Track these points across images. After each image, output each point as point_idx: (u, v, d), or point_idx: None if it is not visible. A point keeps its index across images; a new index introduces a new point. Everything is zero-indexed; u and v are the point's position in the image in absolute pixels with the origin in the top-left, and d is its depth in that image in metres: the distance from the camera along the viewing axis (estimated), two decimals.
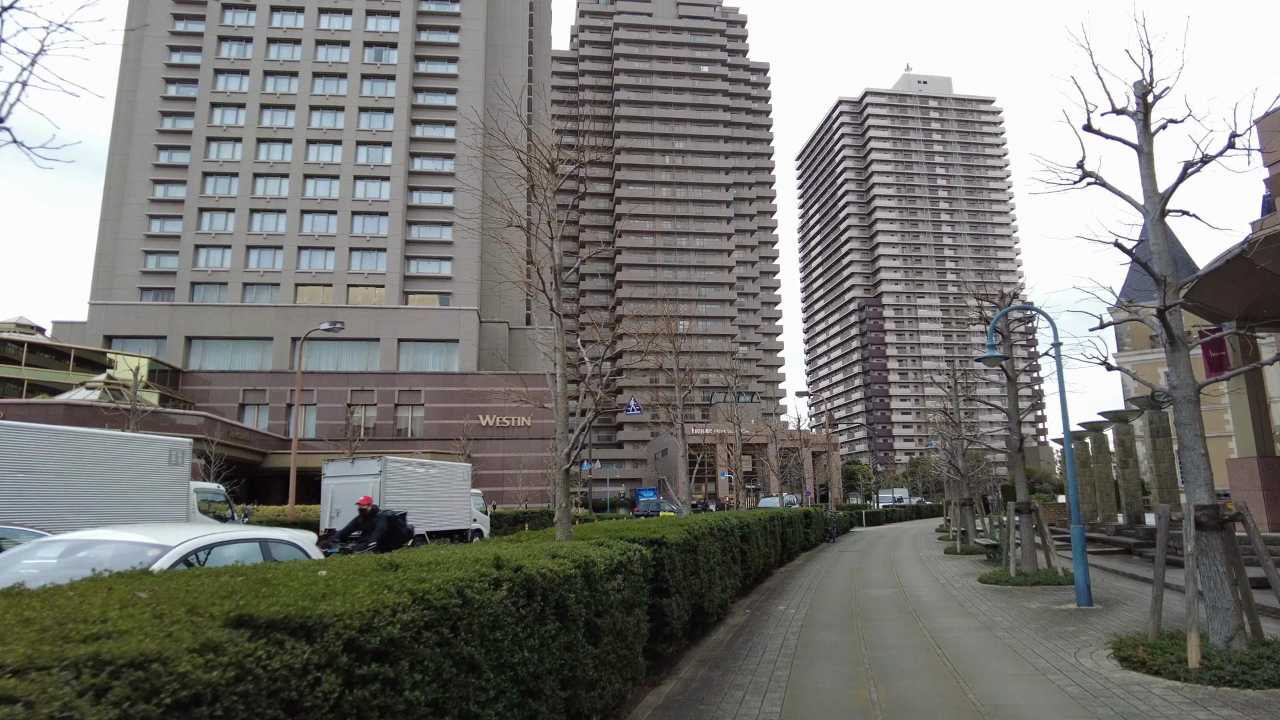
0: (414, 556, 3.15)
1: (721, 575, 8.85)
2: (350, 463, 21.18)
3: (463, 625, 2.60)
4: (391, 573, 2.80)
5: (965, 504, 19.19)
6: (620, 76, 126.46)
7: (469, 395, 59.98)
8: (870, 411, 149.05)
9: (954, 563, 16.93)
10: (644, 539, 6.08)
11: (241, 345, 61.85)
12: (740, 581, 10.83)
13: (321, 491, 21.18)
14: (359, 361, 62.19)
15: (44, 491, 12.05)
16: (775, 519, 15.12)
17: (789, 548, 17.73)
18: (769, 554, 14.08)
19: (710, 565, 8.07)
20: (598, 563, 4.16)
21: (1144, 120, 6.67)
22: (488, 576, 2.92)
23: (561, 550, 4.07)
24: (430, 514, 22.17)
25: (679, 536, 6.61)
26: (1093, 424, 23.58)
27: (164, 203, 65.21)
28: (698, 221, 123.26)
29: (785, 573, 16.00)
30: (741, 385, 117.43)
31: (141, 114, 66.17)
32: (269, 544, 5.39)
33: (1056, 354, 10.34)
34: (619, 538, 6.02)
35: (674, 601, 6.21)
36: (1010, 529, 12.38)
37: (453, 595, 2.57)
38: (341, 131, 67.09)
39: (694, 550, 7.25)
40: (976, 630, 8.45)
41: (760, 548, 12.53)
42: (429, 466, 22.61)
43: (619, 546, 4.88)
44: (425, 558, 3.15)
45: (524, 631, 3.07)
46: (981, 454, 45.51)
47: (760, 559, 12.60)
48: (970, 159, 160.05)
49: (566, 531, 6.30)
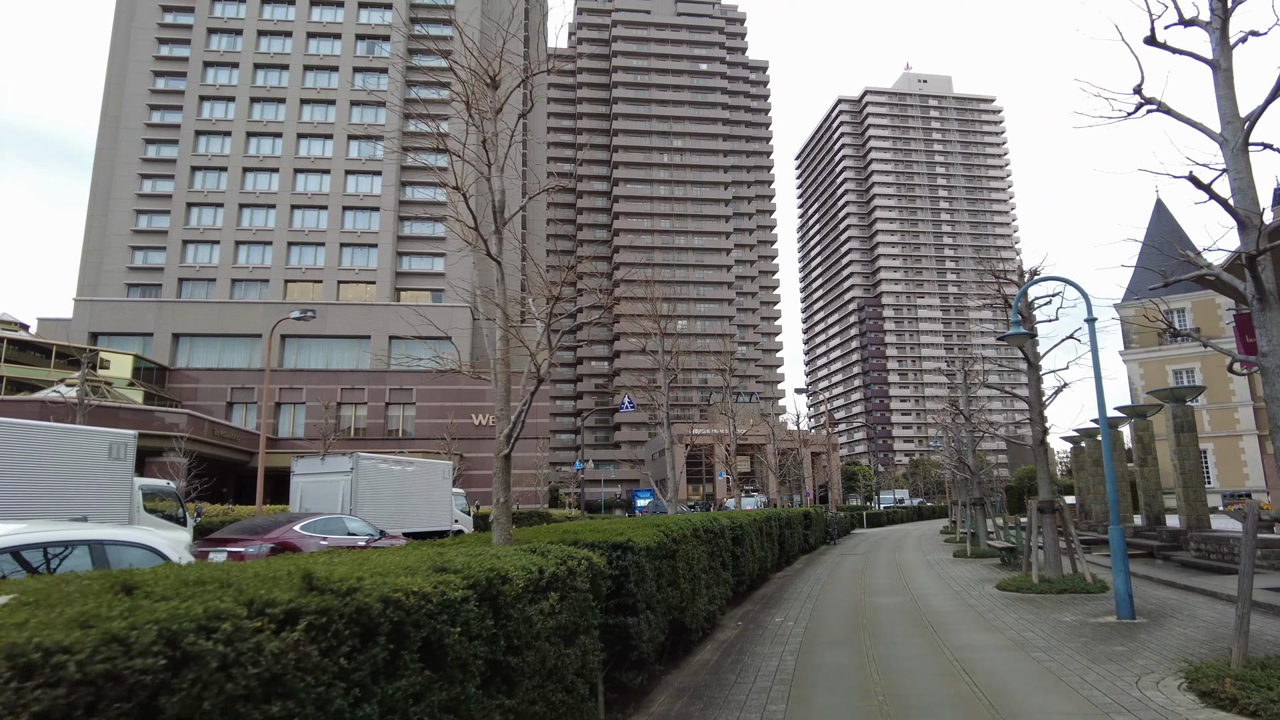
0: (172, 575, 1.90)
1: (708, 584, 7.61)
2: (320, 460, 19.90)
3: (174, 704, 1.36)
4: (110, 600, 1.58)
5: (976, 504, 17.87)
6: (618, 74, 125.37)
7: (462, 394, 58.75)
8: (870, 412, 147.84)
9: (966, 567, 15.66)
10: (605, 544, 4.85)
11: (230, 342, 60.61)
12: (731, 589, 9.58)
13: (290, 490, 19.92)
14: (349, 359, 60.95)
15: None
16: (772, 519, 13.86)
17: (787, 550, 16.47)
18: (765, 557, 12.83)
19: (694, 573, 6.83)
20: (513, 578, 2.89)
21: (1221, 31, 5.43)
22: (271, 608, 1.67)
23: (461, 560, 2.82)
24: (406, 514, 20.91)
25: (650, 540, 5.37)
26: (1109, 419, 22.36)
27: (152, 197, 63.99)
28: (696, 220, 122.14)
29: (783, 578, 14.75)
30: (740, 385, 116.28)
31: (129, 107, 64.95)
32: (108, 547, 4.15)
33: (1090, 330, 9.09)
34: (574, 542, 4.78)
35: (642, 621, 4.96)
36: (1033, 530, 11.10)
37: (155, 649, 1.33)
38: (333, 125, 65.84)
39: (672, 556, 6.01)
40: (1007, 649, 7.19)
41: (754, 551, 11.28)
42: (405, 464, 21.34)
43: (557, 554, 3.61)
44: (194, 575, 1.90)
45: (341, 695, 1.82)
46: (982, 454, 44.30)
47: (755, 563, 11.34)
48: (970, 158, 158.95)
49: (505, 534, 5.08)
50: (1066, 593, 10.38)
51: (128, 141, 64.25)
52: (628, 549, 4.91)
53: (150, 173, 64.18)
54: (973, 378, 19.29)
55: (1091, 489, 25.74)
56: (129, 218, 63.52)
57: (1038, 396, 11.51)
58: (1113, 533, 8.61)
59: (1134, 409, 20.24)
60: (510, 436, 5.52)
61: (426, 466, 22.22)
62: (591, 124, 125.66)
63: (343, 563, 2.45)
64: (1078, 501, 29.09)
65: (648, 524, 6.28)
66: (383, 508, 20.13)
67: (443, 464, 22.83)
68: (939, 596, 11.06)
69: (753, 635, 8.22)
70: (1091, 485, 25.72)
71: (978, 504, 17.83)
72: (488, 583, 2.69)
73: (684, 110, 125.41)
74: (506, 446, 5.52)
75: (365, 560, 2.62)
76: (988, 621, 8.76)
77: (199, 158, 64.02)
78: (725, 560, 8.84)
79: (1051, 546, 11.16)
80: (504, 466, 5.46)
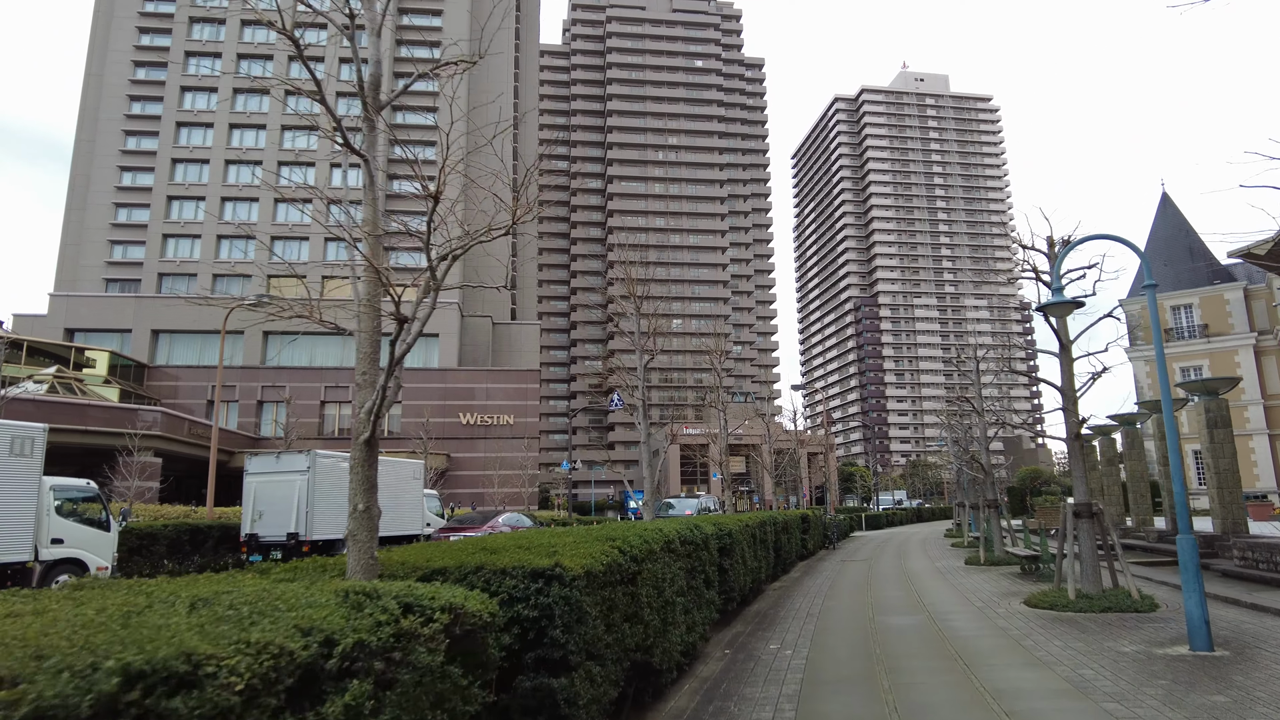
0: None
1: (687, 609, 6.05)
2: (275, 458, 18.25)
3: None
4: None
5: (990, 506, 16.26)
6: (613, 70, 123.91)
7: (449, 392, 57.19)
8: (866, 413, 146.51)
9: (982, 576, 14.10)
10: (520, 570, 3.30)
11: (211, 339, 58.95)
12: (719, 609, 8.02)
13: (243, 491, 18.29)
14: (334, 357, 59.35)
15: None
16: (767, 524, 12.29)
17: (783, 558, 14.90)
18: (759, 568, 11.27)
19: (665, 599, 5.26)
20: (217, 672, 1.34)
21: None
22: None
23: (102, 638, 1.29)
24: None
25: (595, 562, 3.77)
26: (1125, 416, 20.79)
27: (131, 190, 62.39)
28: (690, 218, 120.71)
29: (779, 589, 13.18)
30: (735, 385, 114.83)
31: (109, 98, 63.31)
32: None
33: (1150, 300, 7.53)
34: (475, 569, 3.22)
35: (578, 680, 3.36)
36: (1066, 537, 9.52)
37: None
38: (318, 117, 63.81)
39: (630, 581, 4.44)
40: (1067, 697, 5.58)
41: (746, 562, 9.71)
42: None
43: (388, 606, 2.00)
44: None
45: None
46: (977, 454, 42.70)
47: (746, 576, 9.78)
48: (967, 157, 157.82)
49: (366, 559, 3.54)
50: (1111, 611, 8.81)
51: (107, 133, 62.59)
52: (552, 579, 3.31)
53: (130, 165, 62.54)
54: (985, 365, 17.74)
55: (1106, 490, 24.23)
56: (108, 211, 61.89)
57: (1071, 383, 9.92)
58: (1182, 544, 7.02)
59: (1124, 417, 18.81)
60: (373, 412, 3.98)
61: (395, 466, 20.59)
62: (586, 120, 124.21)
63: None
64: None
65: (600, 537, 4.70)
66: (344, 509, 18.49)
67: (413, 463, 21.21)
68: (961, 615, 9.50)
69: (741, 671, 6.66)
70: (1106, 486, 24.21)
71: (991, 506, 16.23)
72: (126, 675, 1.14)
73: (679, 107, 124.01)
74: (367, 428, 3.98)
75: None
76: (1029, 651, 7.20)
77: (180, 149, 62.40)
78: (710, 576, 7.27)
79: (1090, 557, 9.58)
80: (366, 458, 3.94)
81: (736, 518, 9.91)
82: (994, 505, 16.18)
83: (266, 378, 56.09)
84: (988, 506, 16.26)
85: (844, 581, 14.43)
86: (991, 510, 16.12)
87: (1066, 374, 9.96)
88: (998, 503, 16.25)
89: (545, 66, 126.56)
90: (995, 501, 16.27)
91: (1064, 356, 10.04)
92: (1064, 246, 9.73)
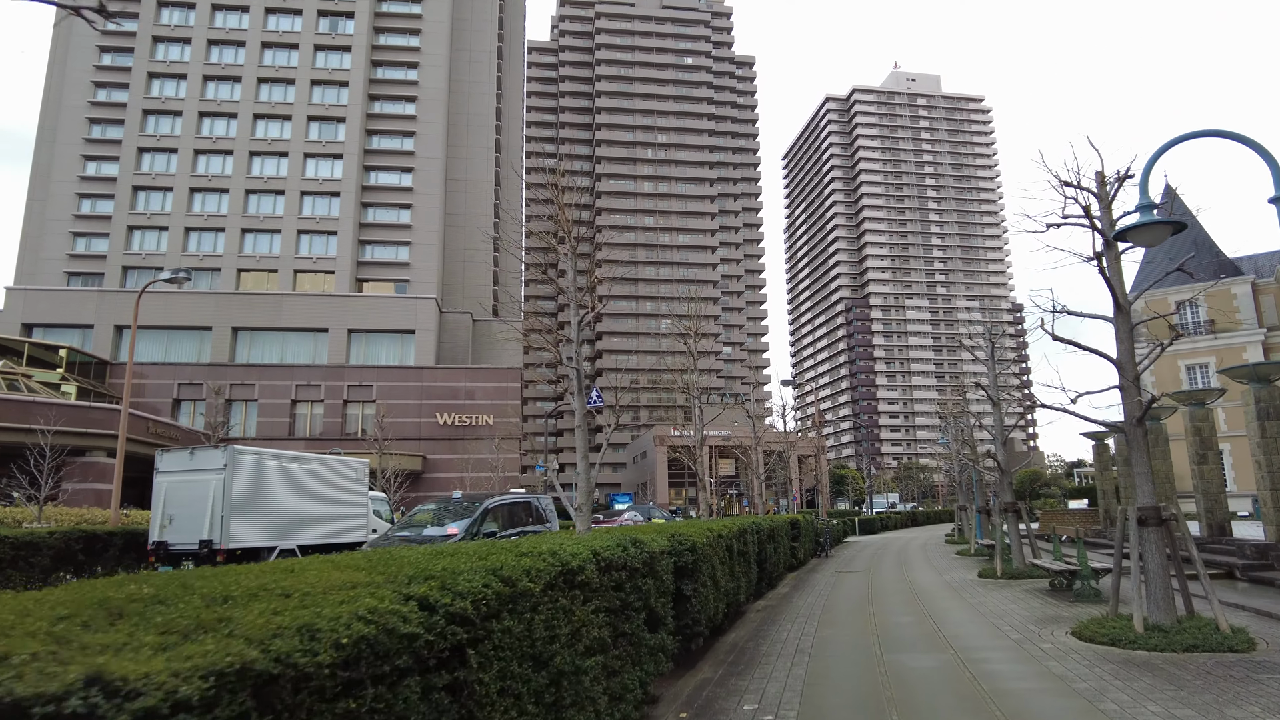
0: None
1: (610, 673, 3.83)
2: (189, 454, 15.89)
3: None
4: None
5: (1009, 510, 13.96)
6: (601, 68, 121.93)
7: (425, 391, 54.80)
8: (858, 415, 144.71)
9: (1004, 594, 11.92)
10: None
11: (177, 335, 56.50)
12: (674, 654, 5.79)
13: (153, 491, 15.93)
14: (305, 354, 56.89)
15: None
16: (749, 533, 10.08)
17: (769, 572, 12.67)
18: (737, 588, 9.07)
19: (556, 671, 3.03)
20: None
21: None
22: None
23: None
24: (306, 523, 17.00)
25: (303, 648, 1.58)
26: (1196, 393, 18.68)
27: (95, 180, 59.79)
28: (680, 218, 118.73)
29: (763, 612, 11.00)
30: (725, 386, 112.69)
31: (72, 84, 60.71)
32: None
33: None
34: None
35: None
36: (1132, 551, 7.32)
37: None
38: (291, 106, 61.77)
39: (450, 663, 2.21)
40: None
41: (719, 583, 7.51)
42: (304, 461, 17.40)
43: None
44: None
45: None
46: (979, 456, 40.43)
47: (719, 601, 7.57)
48: (959, 158, 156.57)
49: None
50: (1199, 651, 6.62)
51: (70, 121, 60.00)
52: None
53: (94, 154, 59.96)
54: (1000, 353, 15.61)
55: (1125, 491, 22.13)
56: (70, 202, 59.28)
57: (1130, 355, 7.73)
58: None
59: (1191, 394, 16.72)
60: None
61: (333, 465, 18.29)
62: (574, 118, 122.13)
63: None
64: (1100, 507, 25.59)
65: (416, 569, 2.44)
66: (270, 514, 16.21)
67: (355, 462, 18.91)
68: (997, 653, 7.32)
69: None
70: (1125, 486, 22.12)
71: (1010, 510, 13.95)
72: None
73: (669, 105, 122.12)
74: None
75: None
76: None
77: (146, 138, 59.83)
78: (658, 612, 5.05)
79: (1160, 576, 7.37)
80: None
81: (706, 526, 7.71)
82: (1013, 509, 13.93)
83: (235, 375, 53.61)
84: (1005, 510, 14.01)
85: (840, 599, 12.23)
86: (1010, 514, 13.89)
87: (1124, 341, 7.75)
88: (1017, 506, 14.04)
89: (533, 64, 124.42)
90: (1014, 504, 14.03)
91: (1120, 319, 7.84)
92: (1122, 177, 7.55)
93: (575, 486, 8.28)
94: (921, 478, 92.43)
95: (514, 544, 3.82)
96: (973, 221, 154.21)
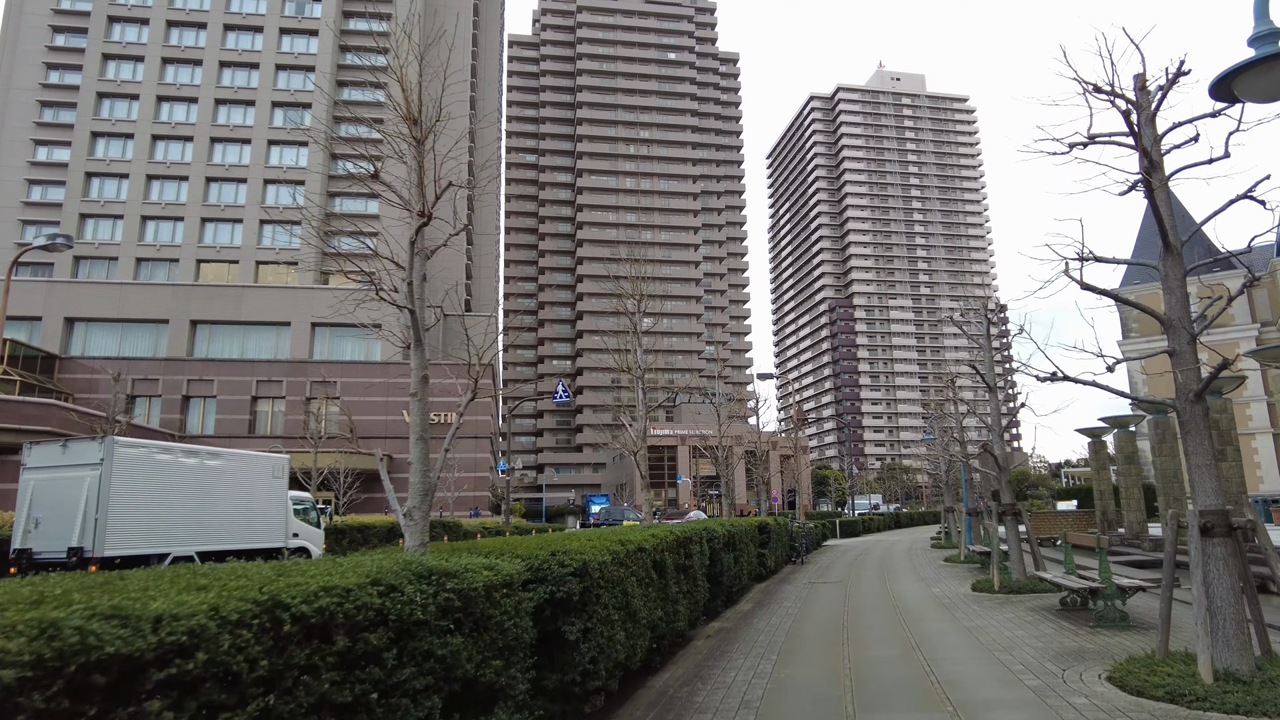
0: None
1: None
2: (62, 447, 13.69)
3: None
4: None
5: (1008, 513, 11.97)
6: (583, 62, 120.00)
7: (392, 388, 52.49)
8: (841, 415, 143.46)
9: (1006, 614, 9.93)
10: None
11: (132, 328, 53.90)
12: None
13: (19, 490, 13.73)
14: (267, 349, 54.45)
15: None
16: (697, 540, 8.07)
17: (727, 586, 10.64)
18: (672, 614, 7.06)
19: None
20: None
21: None
22: None
23: None
24: (208, 526, 14.88)
25: None
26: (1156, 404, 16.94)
27: (45, 166, 57.19)
28: (663, 214, 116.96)
29: (714, 638, 9.04)
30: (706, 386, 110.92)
31: (22, 65, 58.04)
32: None
33: None
34: None
35: None
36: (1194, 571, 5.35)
37: None
38: (255, 91, 59.37)
39: None
40: None
41: (642, 612, 5.51)
42: (207, 456, 15.24)
43: None
44: None
45: None
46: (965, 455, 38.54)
47: (638, 638, 5.54)
48: (943, 158, 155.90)
49: None
50: None
51: (19, 104, 57.31)
52: None
53: (44, 138, 57.33)
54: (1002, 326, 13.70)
55: (1125, 491, 20.41)
56: (18, 188, 56.62)
57: (1185, 308, 5.68)
58: None
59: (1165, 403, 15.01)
60: None
61: (243, 461, 16.14)
62: (556, 113, 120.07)
63: None
64: (1097, 509, 23.85)
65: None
66: (161, 517, 14.05)
67: (271, 458, 16.79)
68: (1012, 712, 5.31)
69: None
70: (1126, 488, 20.40)
71: (1010, 513, 11.93)
72: None
73: (651, 100, 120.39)
74: None
75: None
76: None
77: (101, 122, 57.30)
78: (494, 684, 3.07)
79: (1231, 605, 5.32)
80: None
81: (617, 538, 5.73)
82: (1013, 512, 11.94)
83: (193, 370, 51.12)
84: (1004, 513, 12.00)
85: (810, 621, 10.28)
86: (1009, 517, 11.90)
87: (1175, 291, 5.75)
88: (1017, 508, 12.07)
89: (515, 58, 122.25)
90: (1015, 506, 12.05)
91: (1171, 263, 5.82)
92: (1166, 87, 5.66)
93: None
94: (905, 479, 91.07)
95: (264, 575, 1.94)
96: (957, 221, 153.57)
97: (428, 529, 5.09)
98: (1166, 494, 17.06)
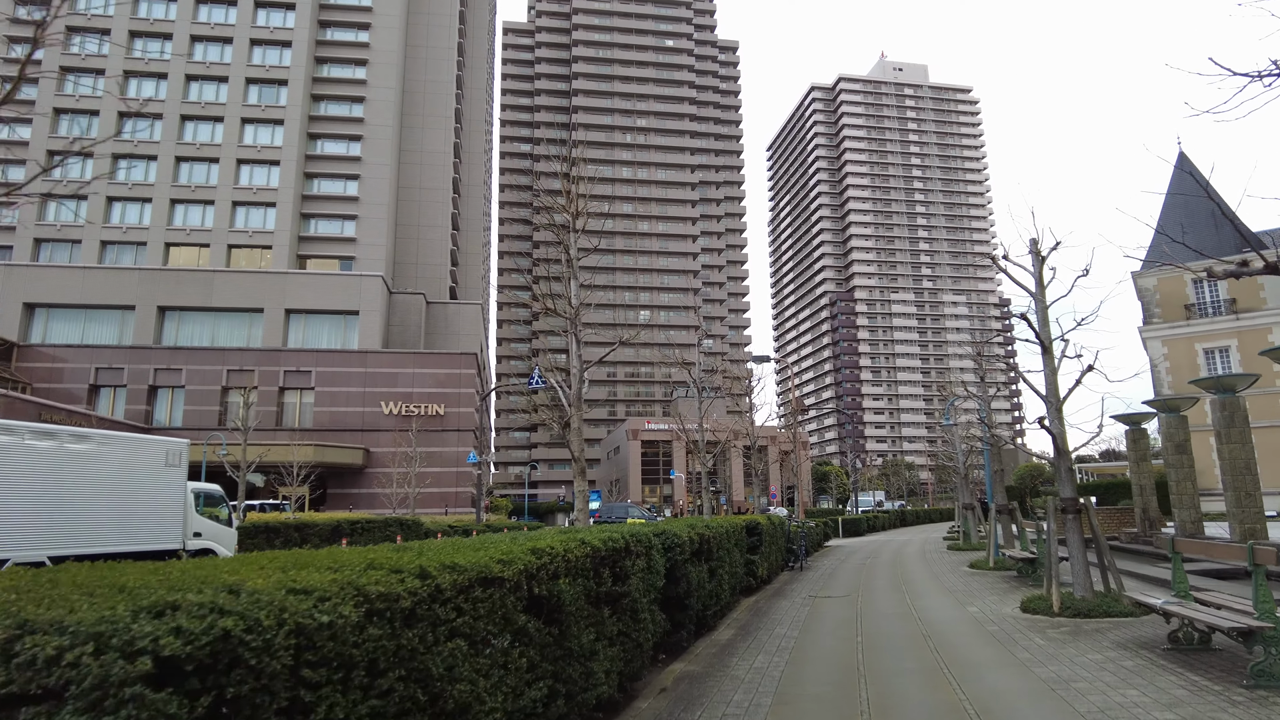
0: None
1: None
2: None
3: None
4: None
5: (1069, 510, 9.03)
6: (579, 49, 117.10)
7: (370, 378, 49.60)
8: (841, 411, 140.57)
9: (1090, 654, 6.94)
10: None
11: (96, 314, 51.12)
12: None
13: None
14: (239, 336, 51.64)
15: None
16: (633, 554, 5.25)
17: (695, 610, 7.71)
18: (580, 677, 4.24)
19: None
20: None
21: None
22: None
23: None
24: (71, 522, 11.97)
25: None
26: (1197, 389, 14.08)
27: (5, 144, 54.21)
28: (660, 205, 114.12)
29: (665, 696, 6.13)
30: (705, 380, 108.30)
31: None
32: None
33: None
34: None
35: None
36: None
37: None
38: (228, 67, 56.44)
39: None
40: None
41: (488, 699, 2.77)
42: (70, 439, 12.31)
43: None
44: None
45: None
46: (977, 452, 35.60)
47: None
48: (946, 149, 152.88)
49: None
50: None
51: None
52: None
53: (4, 115, 54.36)
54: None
55: (1178, 486, 17.56)
56: None
57: None
58: None
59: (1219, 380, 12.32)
60: None
61: (124, 445, 13.22)
62: (551, 101, 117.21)
63: None
64: (1136, 506, 21.01)
65: None
66: (33, 515, 11.17)
67: (163, 442, 13.90)
68: None
69: None
70: (1178, 481, 17.54)
71: (1071, 510, 9.04)
72: None
73: (649, 89, 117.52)
74: None
75: None
76: None
77: (64, 98, 54.39)
78: None
79: None
80: None
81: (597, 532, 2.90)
82: (1075, 508, 9.02)
83: (161, 359, 48.29)
84: (1064, 510, 9.06)
85: (810, 665, 7.32)
86: (1069, 516, 8.95)
87: None
88: (1079, 505, 9.17)
89: (509, 45, 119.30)
90: (1076, 502, 9.13)
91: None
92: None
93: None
94: (908, 475, 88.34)
95: None
96: (960, 214, 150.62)
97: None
98: (1237, 490, 14.18)
